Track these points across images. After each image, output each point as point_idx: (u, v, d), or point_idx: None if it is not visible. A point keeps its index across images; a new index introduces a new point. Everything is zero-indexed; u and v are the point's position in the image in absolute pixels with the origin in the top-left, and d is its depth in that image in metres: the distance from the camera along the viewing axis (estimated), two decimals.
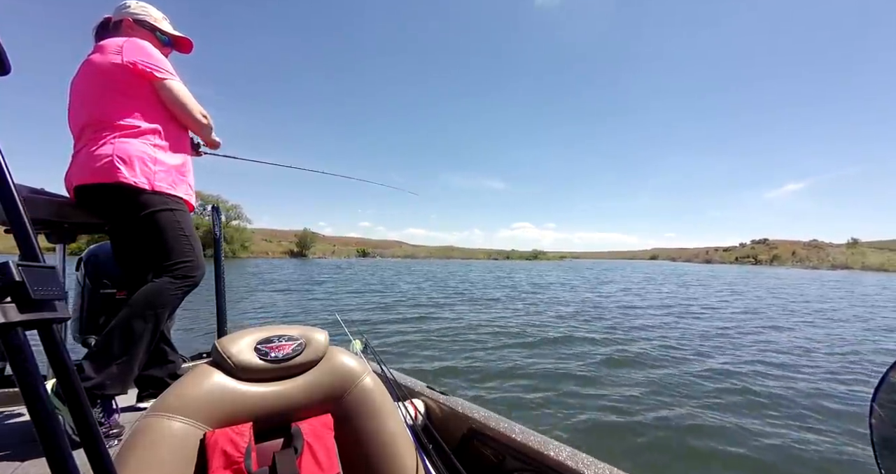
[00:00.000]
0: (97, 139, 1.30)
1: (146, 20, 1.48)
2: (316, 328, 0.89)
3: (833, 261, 78.06)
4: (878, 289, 20.53)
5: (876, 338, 7.20)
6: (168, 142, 1.42)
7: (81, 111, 1.35)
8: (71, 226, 1.47)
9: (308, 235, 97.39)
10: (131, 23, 1.46)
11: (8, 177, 0.33)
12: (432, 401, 1.45)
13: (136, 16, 1.46)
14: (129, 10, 1.46)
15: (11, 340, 0.30)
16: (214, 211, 2.04)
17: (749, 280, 26.39)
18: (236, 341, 0.79)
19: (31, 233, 0.34)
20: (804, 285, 21.60)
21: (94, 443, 0.35)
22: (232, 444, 0.67)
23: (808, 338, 6.89)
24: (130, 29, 1.46)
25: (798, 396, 3.97)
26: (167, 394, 0.70)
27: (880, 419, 0.49)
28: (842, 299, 14.12)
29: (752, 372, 4.71)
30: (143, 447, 0.63)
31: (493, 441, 1.20)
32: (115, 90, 1.32)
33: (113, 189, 1.28)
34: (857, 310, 10.90)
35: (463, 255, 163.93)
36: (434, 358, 5.08)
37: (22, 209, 0.34)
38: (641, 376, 4.45)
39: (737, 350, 5.82)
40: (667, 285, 19.48)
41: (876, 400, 0.50)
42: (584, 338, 6.31)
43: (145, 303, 1.28)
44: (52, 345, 0.34)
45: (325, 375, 0.83)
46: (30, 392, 0.31)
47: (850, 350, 6.05)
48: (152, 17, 1.50)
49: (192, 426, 0.68)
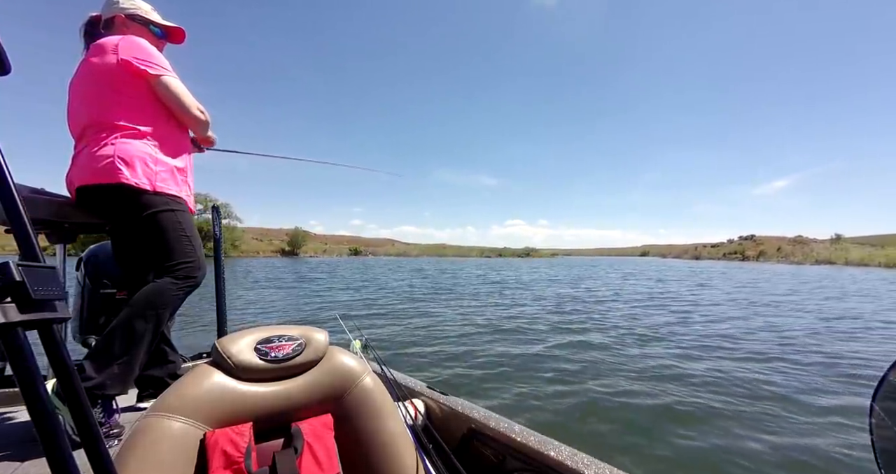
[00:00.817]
0: (98, 140, 1.30)
1: (137, 14, 1.45)
2: (316, 328, 0.89)
3: (817, 257, 78.87)
4: (851, 281, 21.43)
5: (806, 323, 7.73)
6: (169, 141, 1.41)
7: (81, 112, 1.34)
8: (71, 226, 1.47)
9: (299, 234, 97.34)
10: (124, 19, 1.44)
11: (8, 177, 0.33)
12: (432, 401, 1.45)
13: (126, 11, 1.44)
14: (118, 6, 1.44)
15: (11, 340, 0.30)
16: (214, 211, 2.04)
17: (724, 275, 27.06)
18: (236, 341, 0.79)
19: (32, 233, 0.34)
20: (770, 280, 22.22)
21: (94, 443, 0.35)
22: (232, 444, 0.67)
23: (737, 327, 7.34)
24: (124, 25, 1.44)
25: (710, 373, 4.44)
26: (167, 394, 0.70)
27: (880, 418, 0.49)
28: (797, 292, 14.74)
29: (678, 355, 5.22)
30: (143, 447, 0.63)
31: (493, 441, 1.20)
32: (114, 90, 1.31)
33: (115, 190, 1.28)
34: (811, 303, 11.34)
35: (455, 253, 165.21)
36: (410, 344, 5.73)
37: (22, 209, 0.34)
38: (581, 356, 5.10)
39: (663, 338, 6.34)
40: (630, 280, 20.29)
41: (876, 400, 0.50)
42: (547, 327, 7.06)
43: (146, 303, 1.28)
44: (52, 344, 0.34)
45: (325, 375, 0.83)
46: (30, 392, 0.31)
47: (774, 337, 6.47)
48: (143, 10, 1.47)
49: (192, 426, 0.68)
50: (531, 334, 6.40)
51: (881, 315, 8.97)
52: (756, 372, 4.46)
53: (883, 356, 5.35)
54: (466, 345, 5.54)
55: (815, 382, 4.16)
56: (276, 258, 70.94)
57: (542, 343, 5.76)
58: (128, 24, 1.45)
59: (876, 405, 0.50)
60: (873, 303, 11.17)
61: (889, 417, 0.49)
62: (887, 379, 0.50)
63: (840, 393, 3.88)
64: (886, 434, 0.49)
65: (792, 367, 4.66)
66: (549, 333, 6.50)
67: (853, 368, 4.67)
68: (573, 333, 6.49)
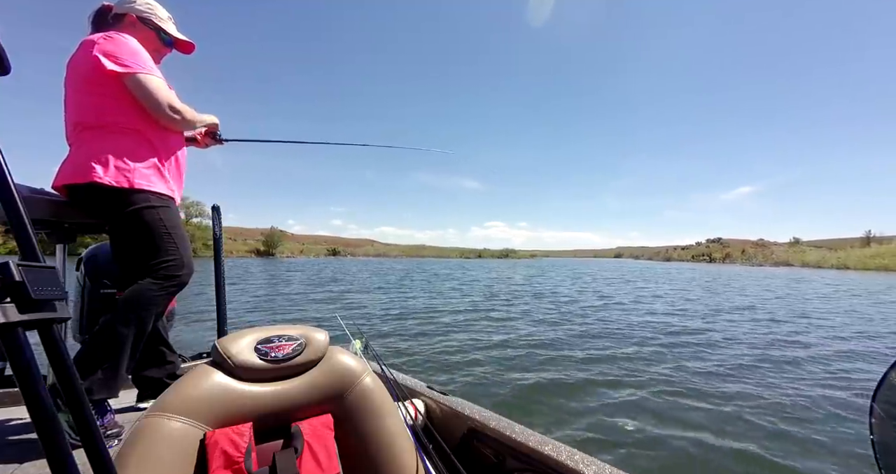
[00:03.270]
0: (80, 139, 1.29)
1: (150, 19, 1.43)
2: (316, 328, 0.89)
3: (776, 259, 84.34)
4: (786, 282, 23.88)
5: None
6: (152, 137, 1.37)
7: (68, 111, 1.33)
8: (71, 226, 1.47)
9: (276, 234, 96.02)
10: (134, 19, 1.41)
11: (8, 177, 0.33)
12: (432, 401, 1.45)
13: (141, 13, 1.41)
14: (134, 6, 1.41)
15: (11, 340, 0.30)
16: (215, 211, 2.04)
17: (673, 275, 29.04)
18: (236, 341, 0.79)
19: (31, 233, 0.34)
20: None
21: (94, 443, 0.35)
22: (232, 444, 0.67)
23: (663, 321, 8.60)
24: (132, 25, 1.41)
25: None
26: (167, 394, 0.70)
27: (880, 418, 0.49)
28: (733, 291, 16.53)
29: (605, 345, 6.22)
30: (143, 447, 0.63)
31: (493, 441, 1.20)
32: (92, 87, 1.28)
33: (89, 188, 1.26)
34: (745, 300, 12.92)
35: (435, 254, 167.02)
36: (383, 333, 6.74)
37: (22, 209, 0.33)
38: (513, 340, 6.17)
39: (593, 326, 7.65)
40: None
41: (876, 400, 0.50)
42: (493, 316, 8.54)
43: (126, 306, 1.26)
44: (52, 345, 0.34)
45: (325, 375, 0.83)
46: (30, 392, 0.31)
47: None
48: (157, 17, 1.44)
49: (193, 426, 0.68)
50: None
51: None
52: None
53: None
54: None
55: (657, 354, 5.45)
56: (250, 258, 70.65)
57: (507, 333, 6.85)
58: (137, 25, 1.41)
59: (876, 405, 0.50)
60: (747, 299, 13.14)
61: (889, 417, 0.49)
62: (887, 379, 0.50)
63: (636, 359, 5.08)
64: (886, 434, 0.49)
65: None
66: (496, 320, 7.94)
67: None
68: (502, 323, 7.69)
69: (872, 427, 0.49)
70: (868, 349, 5.88)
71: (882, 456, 0.48)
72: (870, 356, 5.52)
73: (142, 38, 1.39)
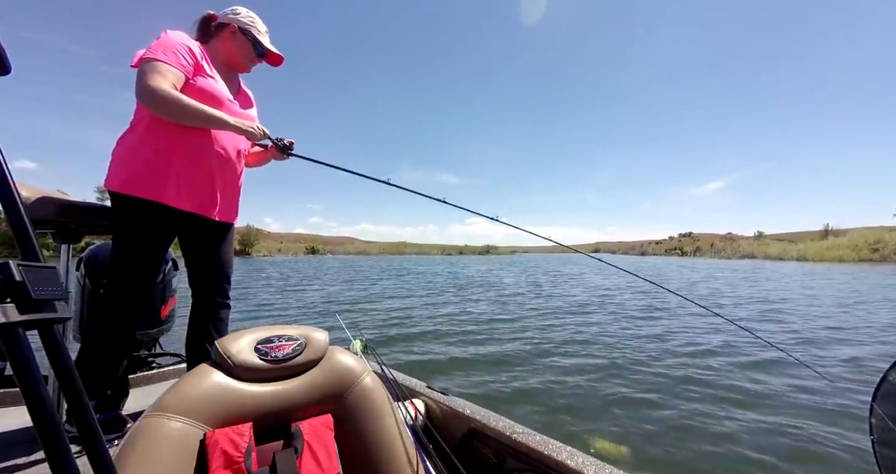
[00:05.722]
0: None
1: (251, 31, 1.46)
2: (316, 328, 0.89)
3: (742, 252, 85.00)
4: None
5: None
6: (157, 138, 1.27)
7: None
8: (77, 227, 1.47)
9: (251, 232, 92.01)
10: (236, 29, 1.45)
11: (8, 177, 0.33)
12: (432, 401, 1.45)
13: (243, 24, 1.45)
14: (238, 17, 1.45)
15: (11, 340, 0.30)
16: None
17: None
18: (236, 341, 0.79)
19: (32, 233, 0.34)
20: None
21: (94, 443, 0.35)
22: (232, 444, 0.67)
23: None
24: (233, 35, 1.45)
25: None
26: (167, 394, 0.70)
27: (880, 418, 0.49)
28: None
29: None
30: (143, 447, 0.63)
31: (493, 441, 1.21)
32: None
33: (110, 192, 1.29)
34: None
35: (416, 251, 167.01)
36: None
37: (22, 209, 0.33)
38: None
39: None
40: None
41: (876, 400, 0.50)
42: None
43: (91, 327, 1.29)
44: (52, 345, 0.33)
45: (325, 375, 0.83)
46: (30, 392, 0.31)
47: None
48: (257, 30, 1.48)
49: (192, 426, 0.68)
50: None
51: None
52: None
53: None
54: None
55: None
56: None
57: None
58: (237, 35, 1.45)
59: (876, 405, 0.50)
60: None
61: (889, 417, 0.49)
62: (887, 379, 0.50)
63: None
64: (886, 434, 0.49)
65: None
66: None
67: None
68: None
69: (872, 427, 0.49)
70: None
71: (882, 456, 0.49)
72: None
73: (239, 46, 1.45)
